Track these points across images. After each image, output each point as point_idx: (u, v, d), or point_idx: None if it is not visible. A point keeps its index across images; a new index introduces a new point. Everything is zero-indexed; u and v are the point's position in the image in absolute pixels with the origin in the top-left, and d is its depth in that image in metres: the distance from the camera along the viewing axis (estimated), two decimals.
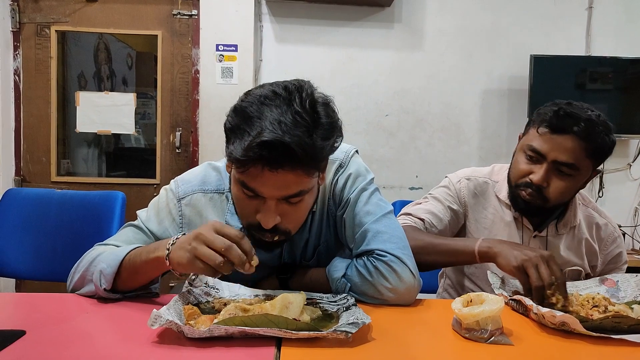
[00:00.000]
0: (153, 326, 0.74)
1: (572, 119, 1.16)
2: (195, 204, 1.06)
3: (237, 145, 0.84)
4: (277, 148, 0.80)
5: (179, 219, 1.06)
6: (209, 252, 0.80)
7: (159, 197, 1.10)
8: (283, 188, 0.88)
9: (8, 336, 0.75)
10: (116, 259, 0.92)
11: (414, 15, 3.13)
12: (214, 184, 1.07)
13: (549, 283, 0.97)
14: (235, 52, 2.96)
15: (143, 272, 0.92)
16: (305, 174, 0.87)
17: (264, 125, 0.82)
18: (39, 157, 3.04)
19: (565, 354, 0.79)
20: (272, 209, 0.89)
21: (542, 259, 1.01)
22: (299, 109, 0.83)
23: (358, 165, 1.08)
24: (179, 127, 3.07)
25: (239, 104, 0.88)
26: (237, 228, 1.00)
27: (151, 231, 1.05)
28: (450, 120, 3.19)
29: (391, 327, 0.87)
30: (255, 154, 0.81)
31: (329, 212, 1.08)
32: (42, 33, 2.99)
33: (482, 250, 1.09)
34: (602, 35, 3.16)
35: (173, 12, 3.02)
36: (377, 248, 1.00)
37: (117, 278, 0.93)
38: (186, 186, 1.07)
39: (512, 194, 1.27)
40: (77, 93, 3.05)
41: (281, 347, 0.74)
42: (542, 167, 1.19)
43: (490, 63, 3.16)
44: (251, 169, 0.85)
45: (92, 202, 1.74)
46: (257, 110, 0.84)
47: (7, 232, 1.71)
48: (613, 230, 1.35)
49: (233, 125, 0.87)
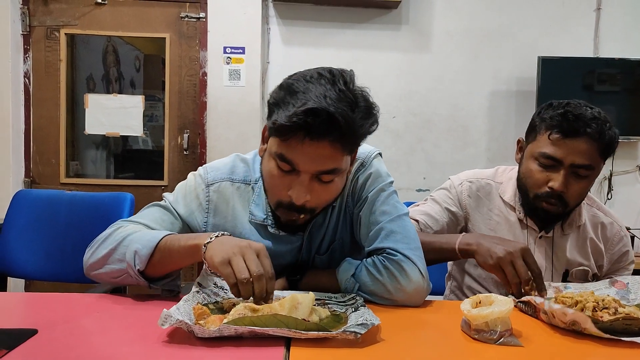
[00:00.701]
0: (163, 326, 0.74)
1: (582, 121, 1.16)
2: (223, 191, 1.08)
3: (281, 114, 0.88)
4: (322, 116, 0.85)
5: (205, 204, 1.08)
6: (242, 266, 0.82)
7: (186, 181, 1.11)
8: (320, 162, 0.91)
9: (20, 335, 0.75)
10: (152, 241, 0.93)
11: (421, 17, 3.13)
12: (241, 174, 1.10)
13: (526, 280, 1.00)
14: (243, 55, 2.97)
15: (177, 257, 0.93)
16: (342, 149, 0.91)
17: (308, 97, 0.87)
18: (48, 158, 3.07)
19: (575, 355, 0.79)
20: (306, 184, 0.92)
21: (517, 254, 1.03)
22: (342, 87, 0.89)
23: (380, 166, 1.11)
24: (186, 129, 3.09)
25: (285, 81, 0.94)
26: (260, 218, 1.06)
27: (178, 213, 1.07)
28: (457, 122, 3.18)
29: (400, 328, 0.87)
30: (300, 120, 0.85)
31: (347, 209, 1.10)
32: (51, 36, 3.02)
33: (462, 248, 1.12)
34: (610, 36, 3.15)
35: (181, 15, 3.04)
36: (388, 247, 1.01)
37: (149, 261, 0.93)
38: (215, 173, 1.10)
39: (529, 204, 1.26)
40: (86, 95, 3.08)
41: (290, 347, 0.75)
42: (560, 173, 1.18)
43: (497, 64, 3.16)
44: (292, 140, 0.89)
45: (100, 204, 1.75)
46: (302, 86, 0.89)
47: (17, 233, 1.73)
48: (619, 230, 1.34)
49: (278, 99, 0.91)
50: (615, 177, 3.16)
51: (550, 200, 1.20)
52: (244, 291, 0.81)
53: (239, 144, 2.97)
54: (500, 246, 1.05)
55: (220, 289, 0.97)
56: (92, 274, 1.02)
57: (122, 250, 0.96)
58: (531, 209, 1.26)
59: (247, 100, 2.99)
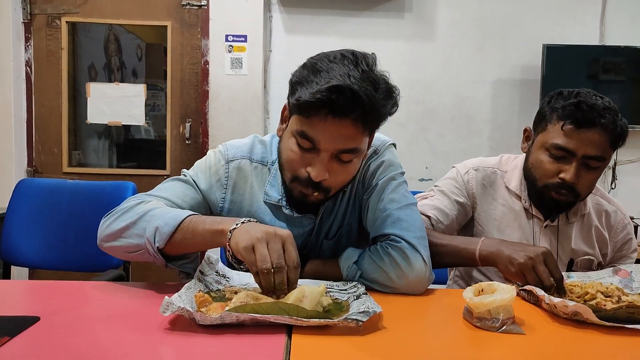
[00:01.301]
0: (165, 313, 0.74)
1: (595, 112, 1.15)
2: (242, 168, 1.10)
3: (304, 91, 0.89)
4: (345, 93, 0.86)
5: (225, 180, 1.09)
6: (264, 254, 0.81)
7: (206, 157, 1.12)
8: (341, 140, 0.92)
9: (22, 322, 0.76)
10: (176, 219, 0.92)
11: (425, 5, 3.10)
12: (259, 155, 1.12)
13: (550, 285, 0.98)
14: (245, 43, 2.95)
15: (201, 240, 0.91)
16: (363, 129, 0.93)
17: (332, 75, 0.88)
18: (50, 148, 3.07)
19: (578, 343, 0.78)
20: (325, 162, 0.93)
21: (538, 259, 1.00)
22: (365, 68, 0.91)
23: (392, 156, 1.13)
24: (188, 118, 3.08)
25: (308, 61, 0.95)
26: (275, 199, 1.07)
27: (199, 186, 1.08)
28: (461, 111, 3.16)
29: (402, 316, 0.87)
30: (324, 96, 0.87)
31: (357, 195, 1.11)
32: (52, 24, 3.00)
33: (483, 255, 1.09)
34: (616, 24, 3.11)
35: (182, 2, 3.01)
36: (393, 233, 1.02)
37: (169, 239, 0.92)
38: (235, 150, 1.11)
39: (537, 193, 1.25)
40: (88, 84, 3.07)
41: (292, 335, 0.75)
42: (572, 165, 1.17)
43: (502, 53, 3.13)
44: (315, 117, 0.90)
45: (103, 193, 1.75)
46: (326, 66, 0.91)
47: (20, 222, 1.74)
48: (623, 217, 1.34)
49: (301, 77, 0.92)
50: (619, 167, 3.14)
51: (560, 191, 1.19)
52: (265, 281, 0.81)
53: (241, 132, 2.95)
54: (521, 252, 1.03)
55: (222, 277, 0.97)
56: (106, 245, 1.00)
57: (142, 225, 0.94)
58: (539, 198, 1.25)
59: (249, 88, 2.97)
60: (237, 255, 0.86)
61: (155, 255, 0.93)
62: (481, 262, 1.10)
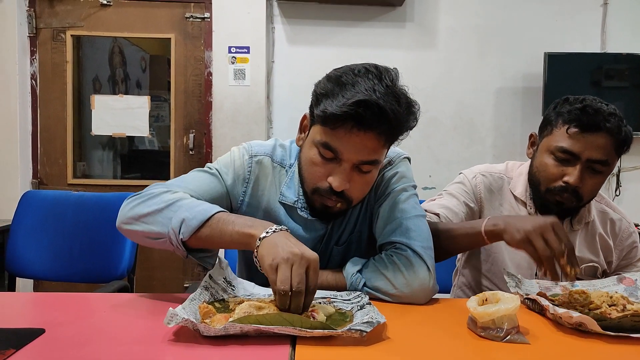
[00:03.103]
0: (169, 324, 0.75)
1: (601, 116, 1.15)
2: (265, 165, 1.11)
3: (331, 104, 0.91)
4: (373, 108, 0.89)
5: (247, 174, 1.10)
6: (286, 276, 0.80)
7: (229, 153, 1.14)
8: (364, 152, 0.94)
9: (28, 334, 0.76)
10: (204, 214, 0.92)
11: (426, 14, 3.12)
12: (279, 156, 1.13)
13: (560, 251, 0.96)
14: (248, 54, 2.97)
15: (228, 239, 0.91)
16: (385, 141, 0.96)
17: (358, 89, 0.90)
18: (55, 159, 3.09)
19: (583, 353, 0.78)
20: (347, 172, 0.95)
21: (547, 227, 0.99)
22: (389, 83, 0.93)
23: (406, 169, 1.15)
24: (192, 129, 3.09)
25: (333, 73, 0.97)
26: (291, 200, 1.08)
27: (224, 180, 1.08)
28: (463, 119, 3.17)
29: (406, 326, 0.87)
30: (351, 110, 0.89)
31: (369, 203, 1.13)
32: (58, 38, 3.04)
33: (489, 230, 1.08)
34: (617, 31, 3.12)
35: (186, 15, 3.04)
36: (399, 241, 1.03)
37: (195, 233, 0.91)
38: (259, 148, 1.13)
39: (541, 198, 1.25)
40: (93, 96, 3.09)
41: (296, 346, 0.75)
42: (577, 168, 1.17)
43: (503, 61, 3.14)
44: (340, 129, 0.92)
45: (107, 204, 1.76)
46: (351, 79, 0.93)
47: (25, 233, 1.74)
48: (628, 226, 1.34)
49: (327, 90, 0.94)
50: (623, 174, 3.13)
51: (563, 195, 1.20)
52: (280, 302, 0.81)
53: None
54: (529, 221, 1.03)
55: (228, 285, 0.98)
56: (125, 227, 0.99)
57: (168, 215, 0.93)
58: (543, 204, 1.25)
59: (252, 99, 2.99)
60: (261, 269, 0.86)
61: (178, 246, 0.93)
62: (487, 237, 1.09)
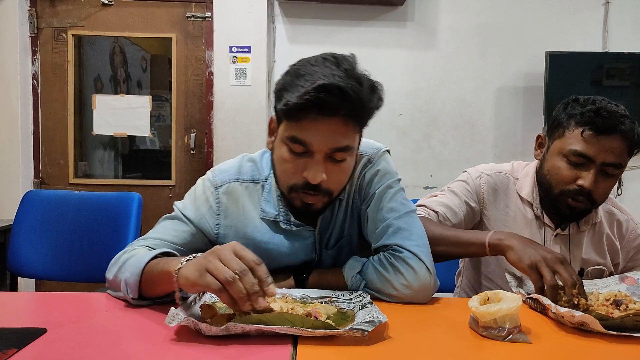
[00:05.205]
0: (171, 324, 0.74)
1: (615, 118, 1.14)
2: (232, 192, 1.08)
3: (291, 95, 0.89)
4: (333, 90, 0.87)
5: (216, 207, 1.07)
6: (221, 266, 0.75)
7: (195, 186, 1.12)
8: (333, 139, 0.92)
9: (30, 334, 0.76)
10: (138, 268, 0.91)
11: (427, 13, 3.12)
12: (249, 173, 1.10)
13: (572, 282, 0.95)
14: (249, 54, 2.97)
15: (159, 283, 0.89)
16: (353, 125, 0.94)
17: (317, 77, 0.89)
18: (56, 159, 3.09)
19: (585, 352, 0.78)
20: (321, 163, 0.93)
21: (556, 260, 0.99)
22: (347, 67, 0.92)
23: (387, 163, 1.11)
24: (193, 129, 3.09)
25: (290, 67, 0.96)
26: (272, 214, 1.05)
27: (188, 218, 1.07)
28: (464, 119, 3.17)
29: (408, 326, 0.87)
30: (312, 97, 0.87)
31: (354, 206, 1.10)
32: (59, 38, 3.04)
33: (493, 243, 1.08)
34: (619, 30, 3.11)
35: (187, 14, 3.04)
36: (395, 243, 1.01)
37: (141, 285, 0.91)
38: (223, 175, 1.10)
39: (552, 200, 1.23)
40: (94, 96, 3.10)
41: (297, 345, 0.75)
42: (591, 172, 1.15)
43: (504, 60, 3.13)
44: (304, 120, 0.91)
45: (109, 204, 1.76)
46: (309, 70, 0.91)
47: (26, 233, 1.74)
48: (635, 227, 1.32)
49: (285, 83, 0.93)
50: (625, 173, 3.12)
51: (577, 198, 1.17)
52: (235, 290, 0.74)
53: (246, 142, 2.97)
54: (539, 249, 1.02)
55: None
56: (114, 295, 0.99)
57: (121, 277, 0.94)
58: (553, 205, 1.24)
59: (253, 99, 2.99)
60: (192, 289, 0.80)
61: (138, 304, 0.92)
62: (490, 250, 1.09)
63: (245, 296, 0.74)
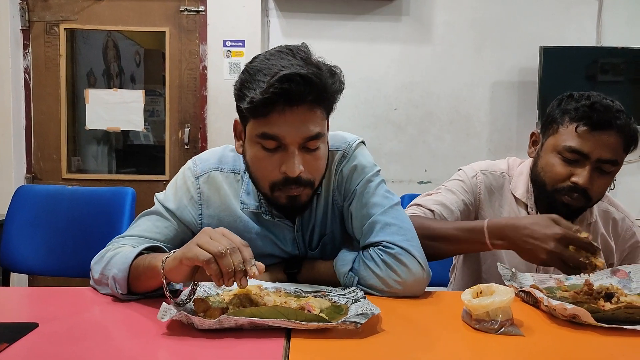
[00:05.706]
0: (163, 319, 0.74)
1: (610, 113, 1.12)
2: (213, 181, 1.08)
3: (254, 92, 0.89)
4: (296, 79, 0.87)
5: (197, 196, 1.07)
6: (211, 241, 0.77)
7: (176, 176, 1.11)
8: (304, 129, 0.92)
9: (21, 328, 0.76)
10: (125, 264, 0.91)
11: (421, 8, 3.11)
12: (230, 164, 1.10)
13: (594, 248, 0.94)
14: (243, 48, 2.96)
15: (147, 278, 0.89)
16: (320, 111, 0.94)
17: (276, 69, 0.89)
18: (49, 154, 3.07)
19: (577, 344, 0.78)
20: (296, 155, 0.93)
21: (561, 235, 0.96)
22: (303, 56, 0.93)
23: (363, 156, 1.08)
24: (187, 124, 3.08)
25: (246, 66, 0.95)
26: (252, 206, 1.05)
27: (170, 210, 1.06)
28: (459, 114, 3.17)
29: (400, 318, 0.87)
30: (277, 89, 0.87)
31: (334, 203, 1.09)
32: (51, 31, 3.01)
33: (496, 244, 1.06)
34: (613, 25, 3.12)
35: (180, 8, 3.02)
36: (384, 240, 1.00)
37: (130, 281, 0.91)
38: (204, 164, 1.09)
39: (547, 198, 1.21)
40: (87, 90, 3.07)
41: (291, 338, 0.75)
42: (585, 168, 1.14)
43: (499, 55, 3.13)
44: (272, 114, 0.90)
45: (102, 199, 1.75)
46: (266, 64, 0.91)
47: (19, 228, 1.73)
48: (631, 225, 1.31)
49: (244, 81, 0.92)
50: None
51: (572, 195, 1.16)
52: (224, 263, 0.75)
53: None
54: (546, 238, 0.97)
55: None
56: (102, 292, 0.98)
57: (108, 274, 0.94)
58: (549, 203, 1.22)
59: None
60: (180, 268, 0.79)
61: (129, 299, 0.92)
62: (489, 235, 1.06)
63: (232, 272, 0.76)
